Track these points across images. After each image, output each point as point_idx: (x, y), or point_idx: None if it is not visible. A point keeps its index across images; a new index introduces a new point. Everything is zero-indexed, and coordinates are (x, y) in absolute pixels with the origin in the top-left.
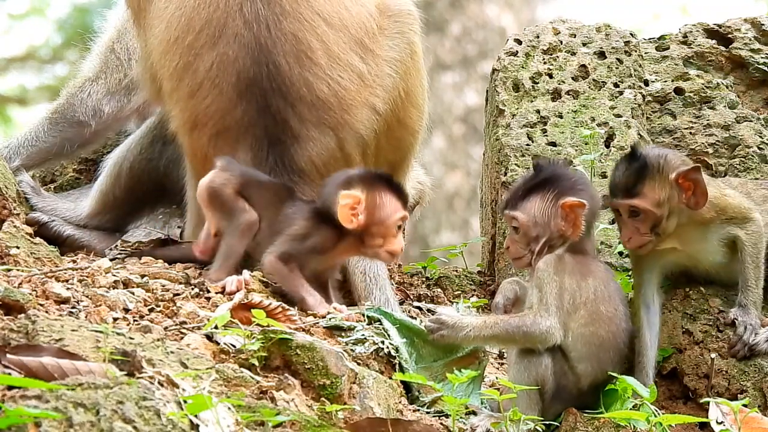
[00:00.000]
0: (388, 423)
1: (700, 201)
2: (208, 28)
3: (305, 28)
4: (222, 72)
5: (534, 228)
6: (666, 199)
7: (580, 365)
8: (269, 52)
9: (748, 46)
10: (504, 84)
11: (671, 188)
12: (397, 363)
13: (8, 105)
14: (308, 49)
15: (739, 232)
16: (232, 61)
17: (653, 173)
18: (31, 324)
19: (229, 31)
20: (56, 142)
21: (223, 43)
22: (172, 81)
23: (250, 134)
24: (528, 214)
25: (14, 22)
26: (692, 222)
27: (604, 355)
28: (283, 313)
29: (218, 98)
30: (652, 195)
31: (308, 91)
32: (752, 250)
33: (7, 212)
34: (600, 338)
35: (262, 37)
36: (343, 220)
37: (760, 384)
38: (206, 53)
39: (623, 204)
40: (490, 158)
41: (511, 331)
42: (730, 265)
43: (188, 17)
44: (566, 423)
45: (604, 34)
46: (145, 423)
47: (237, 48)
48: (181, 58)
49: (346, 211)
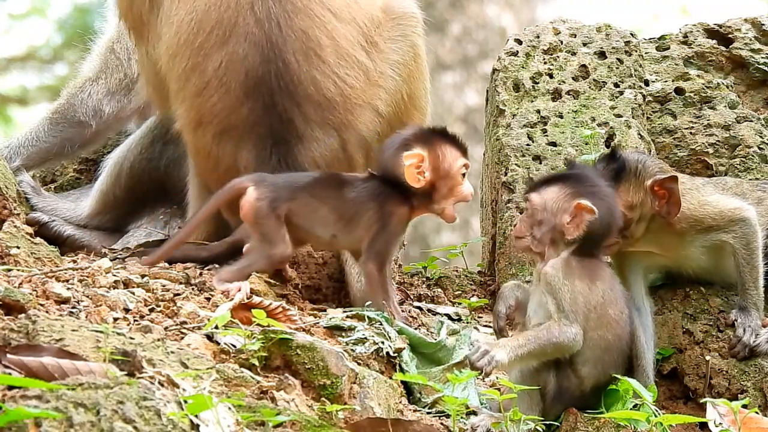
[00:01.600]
0: (388, 423)
1: (673, 211)
2: (218, 28)
3: (315, 24)
4: (230, 70)
5: (541, 213)
6: (639, 203)
7: (584, 368)
8: (279, 50)
9: (748, 46)
10: (504, 84)
11: (645, 194)
12: (398, 363)
13: (9, 105)
14: (317, 46)
15: (725, 236)
16: (241, 60)
17: (629, 176)
18: (32, 324)
19: (239, 30)
20: (57, 143)
21: (233, 42)
22: (180, 82)
23: (255, 133)
24: (542, 198)
25: (14, 22)
26: (667, 231)
27: (609, 357)
28: (283, 313)
29: (225, 96)
30: (626, 197)
31: (315, 90)
32: (745, 252)
33: (7, 212)
34: (606, 341)
35: (273, 35)
36: (411, 181)
37: (760, 384)
38: (215, 53)
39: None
40: (490, 158)
41: (543, 345)
42: (718, 266)
43: (198, 20)
44: (566, 423)
45: (605, 34)
46: (146, 423)
47: (247, 46)
48: (189, 60)
49: (412, 171)
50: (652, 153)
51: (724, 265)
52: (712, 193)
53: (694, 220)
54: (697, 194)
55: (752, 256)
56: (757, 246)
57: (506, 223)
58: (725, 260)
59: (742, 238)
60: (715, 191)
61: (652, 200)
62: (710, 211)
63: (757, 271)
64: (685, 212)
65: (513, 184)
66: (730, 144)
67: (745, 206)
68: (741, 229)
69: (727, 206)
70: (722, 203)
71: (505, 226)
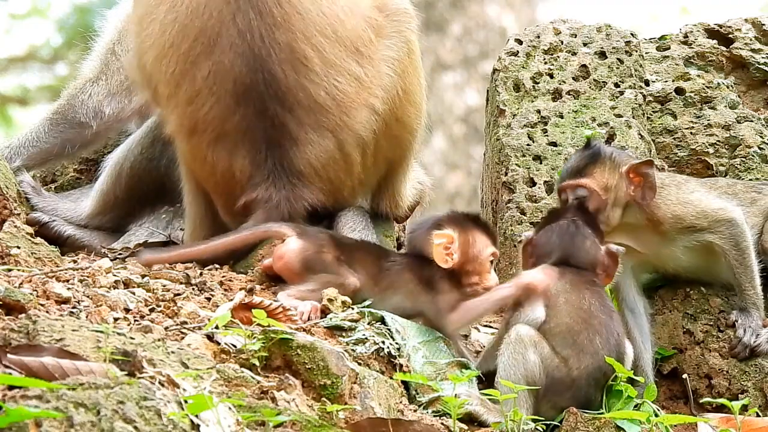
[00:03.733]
0: (388, 423)
1: (648, 195)
2: (202, 36)
3: (298, 38)
4: (219, 80)
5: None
6: (614, 186)
7: (565, 351)
8: (264, 61)
9: (748, 46)
10: (505, 84)
11: (620, 178)
12: (398, 363)
13: (9, 105)
14: (303, 57)
15: (710, 237)
16: (228, 70)
17: (605, 160)
18: (32, 324)
19: (223, 41)
20: (57, 143)
21: (219, 52)
22: (170, 87)
23: (249, 139)
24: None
25: (15, 22)
26: (647, 228)
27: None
28: (283, 313)
29: (216, 105)
30: (601, 178)
31: (305, 96)
32: (735, 253)
33: (7, 212)
34: (566, 325)
35: (256, 47)
36: (438, 260)
37: (760, 384)
38: (202, 62)
39: (571, 184)
40: (490, 158)
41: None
42: (707, 267)
43: (182, 24)
44: (567, 423)
45: (605, 34)
46: (146, 423)
47: (232, 56)
48: (177, 65)
49: (440, 251)
50: (653, 153)
51: (712, 266)
52: (695, 191)
53: (672, 217)
54: (676, 191)
55: (743, 256)
56: (747, 246)
57: (507, 223)
58: (714, 261)
59: (730, 239)
60: (699, 189)
61: (628, 185)
62: (691, 209)
63: (751, 270)
64: (662, 207)
65: (513, 184)
66: (730, 144)
67: (730, 207)
68: (727, 230)
69: (710, 206)
70: (705, 203)
71: (506, 226)
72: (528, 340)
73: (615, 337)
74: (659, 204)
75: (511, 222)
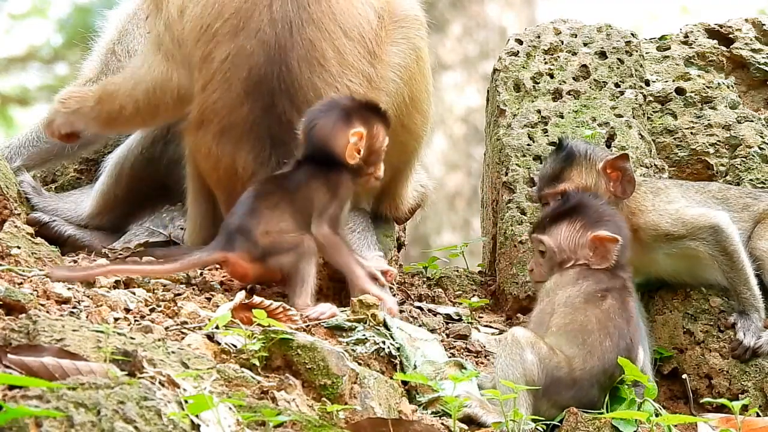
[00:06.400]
0: (389, 423)
1: (627, 189)
2: (235, 17)
3: (323, 37)
4: (235, 65)
5: (560, 254)
6: (593, 185)
7: (569, 351)
8: (285, 54)
9: (749, 46)
10: (505, 84)
11: (598, 176)
12: (398, 363)
13: (9, 105)
14: (322, 57)
15: (694, 245)
16: (247, 56)
17: (580, 160)
18: (32, 324)
19: (252, 25)
20: (57, 143)
21: (244, 36)
22: (195, 70)
23: (254, 134)
24: (555, 239)
25: (15, 22)
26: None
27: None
28: (284, 313)
29: (226, 94)
30: (579, 179)
31: (315, 96)
32: (724, 258)
33: (8, 212)
34: (578, 323)
35: (283, 38)
36: (349, 158)
37: (761, 384)
38: (226, 42)
39: (552, 192)
40: (491, 158)
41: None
42: (691, 272)
43: (222, 3)
44: (567, 423)
45: (605, 34)
46: (146, 423)
47: (255, 43)
48: (205, 48)
49: (352, 149)
50: (653, 153)
51: (700, 272)
52: (673, 199)
53: (648, 225)
54: (653, 198)
55: (733, 260)
56: (735, 249)
57: (507, 223)
58: (702, 267)
59: (715, 245)
60: (678, 197)
61: (606, 182)
62: (666, 217)
63: (744, 273)
64: (637, 214)
65: (514, 184)
66: (730, 144)
67: (711, 213)
68: (711, 236)
69: (689, 214)
70: (682, 210)
71: (506, 226)
72: (524, 341)
73: (626, 341)
74: (634, 210)
75: (512, 222)
